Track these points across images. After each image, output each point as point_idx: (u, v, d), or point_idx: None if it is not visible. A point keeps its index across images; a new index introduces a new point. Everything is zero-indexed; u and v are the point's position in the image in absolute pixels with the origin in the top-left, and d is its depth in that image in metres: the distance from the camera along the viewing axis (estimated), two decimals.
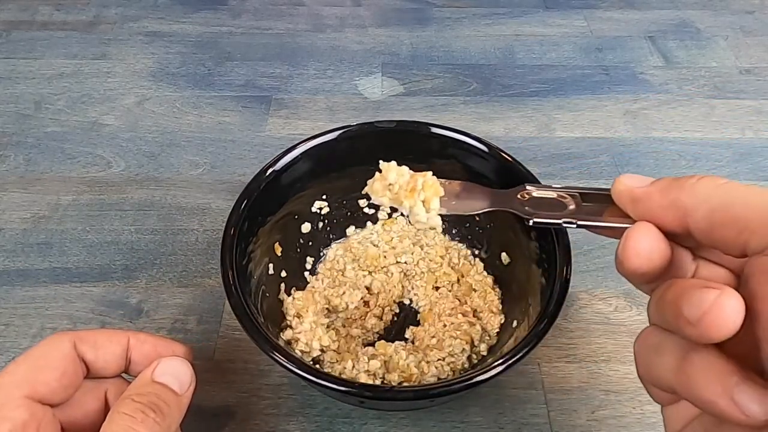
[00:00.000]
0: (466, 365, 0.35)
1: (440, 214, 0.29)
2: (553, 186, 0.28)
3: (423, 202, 0.28)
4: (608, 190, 0.25)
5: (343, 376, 0.33)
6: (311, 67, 0.59)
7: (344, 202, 0.41)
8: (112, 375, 0.29)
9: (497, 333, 0.37)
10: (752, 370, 0.19)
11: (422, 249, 0.41)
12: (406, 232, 0.41)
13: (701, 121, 0.54)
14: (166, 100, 0.55)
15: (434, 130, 0.38)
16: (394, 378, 0.34)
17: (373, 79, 0.58)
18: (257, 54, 0.61)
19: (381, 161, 0.29)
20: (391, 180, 0.28)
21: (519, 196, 0.28)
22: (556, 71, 0.59)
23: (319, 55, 0.61)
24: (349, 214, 0.41)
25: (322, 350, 0.35)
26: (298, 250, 0.40)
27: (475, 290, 0.39)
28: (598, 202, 0.26)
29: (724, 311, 0.18)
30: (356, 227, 0.42)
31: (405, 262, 0.41)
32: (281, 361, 0.28)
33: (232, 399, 0.36)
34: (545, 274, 0.33)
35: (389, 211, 0.42)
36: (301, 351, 0.35)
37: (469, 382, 0.27)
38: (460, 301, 0.38)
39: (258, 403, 0.36)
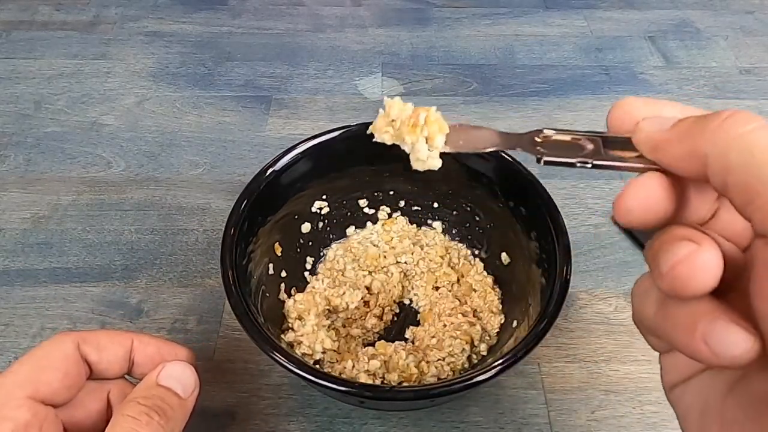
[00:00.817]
0: (466, 365, 0.35)
1: (446, 152, 0.28)
2: (573, 130, 0.26)
3: (426, 139, 0.27)
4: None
5: (343, 376, 0.33)
6: (311, 67, 0.59)
7: (344, 202, 0.41)
8: (115, 376, 0.29)
9: (497, 333, 0.37)
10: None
11: (422, 249, 0.41)
12: (406, 232, 0.41)
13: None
14: (166, 100, 0.55)
15: None
16: (394, 378, 0.34)
17: (373, 79, 0.58)
18: (257, 54, 0.61)
19: (386, 97, 0.28)
20: (394, 115, 0.27)
21: (534, 139, 0.26)
22: (556, 71, 0.59)
23: (319, 55, 0.61)
24: (349, 214, 0.41)
25: (323, 351, 0.35)
26: (298, 250, 0.40)
27: (475, 290, 0.39)
28: (621, 149, 0.24)
29: (693, 266, 0.17)
30: (356, 227, 0.42)
31: (405, 262, 0.41)
32: (281, 361, 0.28)
33: (232, 399, 0.36)
34: (545, 274, 0.33)
35: (389, 211, 0.42)
36: (303, 353, 0.35)
37: (469, 382, 0.27)
38: (460, 301, 0.38)
39: (258, 403, 0.36)
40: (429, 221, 0.42)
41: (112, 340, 0.28)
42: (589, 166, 0.24)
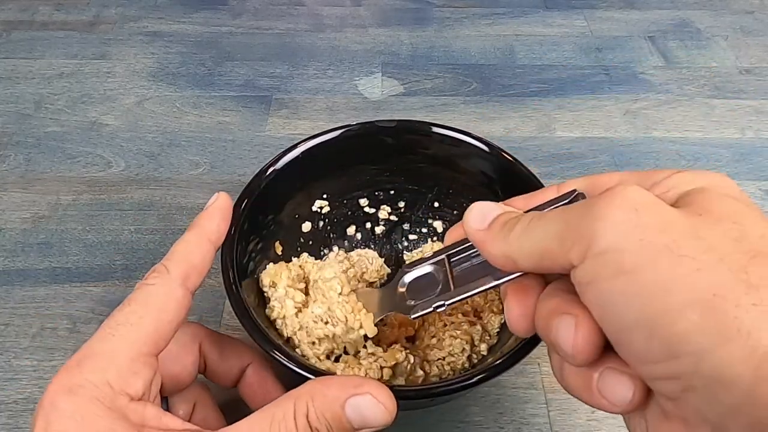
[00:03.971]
0: (467, 365, 0.35)
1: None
2: (425, 257, 0.29)
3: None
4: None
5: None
6: (311, 67, 0.59)
7: (345, 201, 0.41)
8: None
9: (498, 332, 0.37)
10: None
11: (422, 253, 0.41)
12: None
13: (701, 121, 0.54)
14: (166, 100, 0.55)
15: (435, 129, 0.38)
16: (400, 382, 0.33)
17: (373, 79, 0.58)
18: (257, 54, 0.61)
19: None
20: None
21: (400, 291, 0.30)
22: (556, 71, 0.59)
23: (319, 55, 0.61)
24: (349, 213, 0.41)
25: (299, 310, 0.34)
26: (299, 249, 0.40)
27: None
28: (470, 251, 0.27)
29: (585, 340, 0.20)
30: (357, 227, 0.42)
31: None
32: (281, 360, 0.28)
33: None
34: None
35: (389, 211, 0.42)
36: (276, 318, 0.34)
37: (469, 381, 0.27)
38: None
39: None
40: (429, 221, 0.42)
41: (202, 255, 0.27)
42: (445, 308, 0.27)
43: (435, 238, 0.42)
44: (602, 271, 0.19)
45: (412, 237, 0.42)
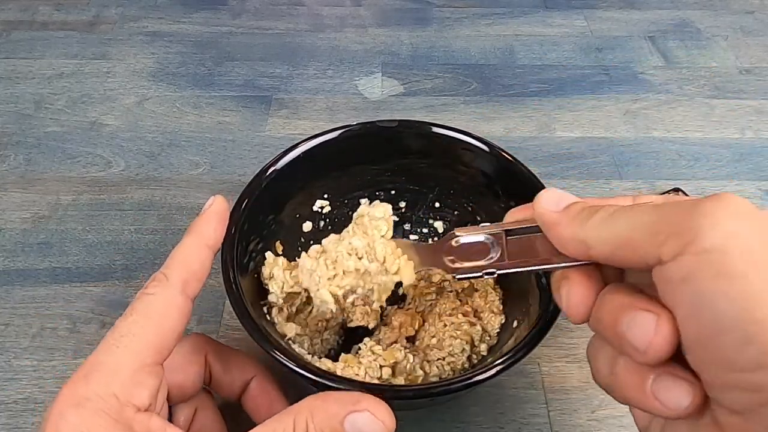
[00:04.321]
0: (467, 365, 0.35)
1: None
2: (483, 226, 0.28)
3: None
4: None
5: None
6: (311, 67, 0.59)
7: (345, 201, 0.41)
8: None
9: (498, 333, 0.37)
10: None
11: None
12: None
13: (701, 121, 0.54)
14: (166, 100, 0.55)
15: (435, 129, 0.38)
16: (400, 382, 0.33)
17: (373, 79, 0.58)
18: (257, 54, 0.61)
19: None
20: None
21: (448, 245, 0.29)
22: (556, 71, 0.59)
23: (319, 55, 0.61)
24: (350, 213, 0.41)
25: (290, 293, 0.34)
26: (299, 249, 0.40)
27: (476, 290, 0.38)
28: (529, 233, 0.27)
29: (664, 339, 0.20)
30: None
31: None
32: (281, 359, 0.28)
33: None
34: (546, 274, 0.33)
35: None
36: (272, 303, 0.34)
37: (469, 381, 0.27)
38: (461, 301, 0.38)
39: None
40: (430, 221, 0.42)
41: (201, 261, 0.28)
42: (495, 276, 0.27)
43: (436, 239, 0.42)
44: (703, 269, 0.18)
45: (413, 237, 0.42)
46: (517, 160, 0.36)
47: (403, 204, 0.42)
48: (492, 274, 0.27)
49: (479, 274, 0.27)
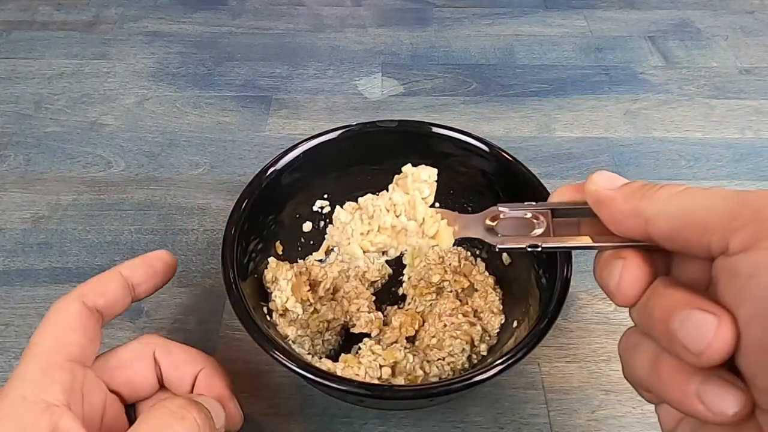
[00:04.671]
0: (466, 365, 0.35)
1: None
2: (527, 204, 0.28)
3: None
4: (585, 203, 0.24)
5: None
6: (311, 67, 0.59)
7: (345, 201, 0.41)
8: (124, 308, 0.30)
9: (498, 333, 0.37)
10: (730, 368, 0.19)
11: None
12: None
13: (701, 121, 0.54)
14: (166, 100, 0.55)
15: (435, 129, 0.38)
16: (400, 381, 0.33)
17: (373, 79, 0.58)
18: (257, 54, 0.61)
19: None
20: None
21: (489, 219, 0.28)
22: (556, 71, 0.59)
23: (319, 55, 0.61)
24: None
25: (299, 306, 0.35)
26: (299, 249, 0.40)
27: (476, 290, 0.39)
28: (574, 216, 0.26)
29: (723, 343, 0.18)
30: None
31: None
32: (281, 359, 0.28)
33: None
34: (545, 274, 0.33)
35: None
36: (277, 308, 0.34)
37: (469, 381, 0.27)
38: (461, 301, 0.38)
39: (258, 403, 0.36)
40: None
41: (105, 280, 0.29)
42: (539, 249, 0.26)
43: None
44: None
45: None
46: (517, 160, 0.36)
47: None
48: (536, 247, 0.26)
49: (522, 246, 0.26)
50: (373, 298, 0.39)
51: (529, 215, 0.27)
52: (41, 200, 0.47)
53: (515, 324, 0.35)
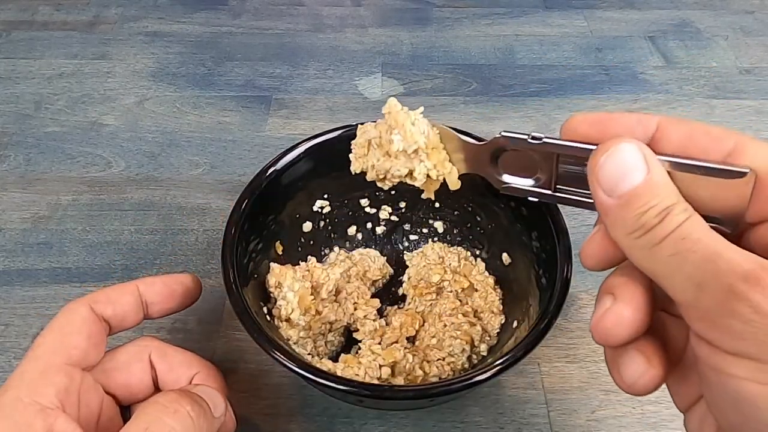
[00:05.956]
0: (466, 365, 0.35)
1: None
2: (533, 138, 0.26)
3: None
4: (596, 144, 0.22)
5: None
6: (311, 67, 0.59)
7: (346, 201, 0.41)
8: (134, 324, 0.30)
9: (498, 333, 0.37)
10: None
11: (423, 253, 0.41)
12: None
13: (701, 121, 0.54)
14: (166, 100, 0.55)
15: None
16: (399, 381, 0.33)
17: (373, 79, 0.58)
18: (257, 54, 0.61)
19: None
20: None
21: (494, 149, 0.27)
22: (556, 71, 0.59)
23: (319, 55, 0.61)
24: (350, 213, 0.41)
25: (303, 313, 0.35)
26: (299, 249, 0.40)
27: (476, 290, 0.38)
28: (582, 164, 0.24)
29: (609, 323, 0.21)
30: (358, 227, 0.42)
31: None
32: (281, 359, 0.28)
33: (232, 399, 0.35)
34: (545, 274, 0.33)
35: (390, 211, 0.42)
36: (281, 316, 0.34)
37: (469, 381, 0.27)
38: (461, 301, 0.38)
39: (258, 403, 0.36)
40: (430, 221, 0.42)
41: (119, 292, 0.30)
42: (537, 201, 0.26)
43: (436, 239, 0.42)
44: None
45: (413, 237, 0.42)
46: None
47: (403, 204, 0.42)
48: (537, 198, 0.25)
49: (524, 194, 0.26)
50: (377, 301, 0.39)
51: (536, 157, 0.26)
52: (41, 200, 0.47)
53: (515, 324, 0.35)
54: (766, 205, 0.20)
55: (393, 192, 0.41)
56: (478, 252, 0.40)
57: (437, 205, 0.41)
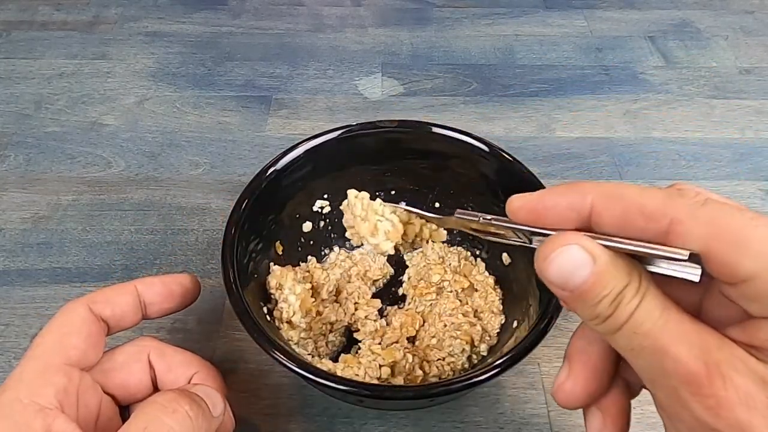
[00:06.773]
0: (467, 365, 0.35)
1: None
2: (486, 216, 0.26)
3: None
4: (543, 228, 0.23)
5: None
6: (311, 67, 0.59)
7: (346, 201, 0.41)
8: (133, 324, 0.30)
9: (498, 333, 0.37)
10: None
11: (423, 253, 0.41)
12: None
13: (701, 121, 0.54)
14: (166, 100, 0.55)
15: (435, 130, 0.38)
16: (399, 381, 0.33)
17: (373, 79, 0.58)
18: (257, 54, 0.61)
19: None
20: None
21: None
22: (556, 71, 0.59)
23: (319, 55, 0.61)
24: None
25: (303, 316, 0.35)
26: (299, 249, 0.40)
27: (476, 290, 0.38)
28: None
29: (566, 398, 0.24)
30: None
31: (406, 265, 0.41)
32: (281, 359, 0.28)
33: (231, 399, 0.35)
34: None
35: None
36: (281, 318, 0.34)
37: (469, 381, 0.27)
38: (461, 301, 0.38)
39: (258, 403, 0.36)
40: None
41: (118, 292, 0.30)
42: (489, 220, 0.26)
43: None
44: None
45: None
46: (517, 160, 0.36)
47: (403, 204, 0.41)
48: (487, 216, 0.26)
49: (476, 218, 0.26)
50: (378, 302, 0.39)
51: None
52: (41, 200, 0.47)
53: (515, 324, 0.35)
54: (726, 274, 0.19)
55: (393, 192, 0.41)
56: (478, 252, 0.40)
57: (437, 205, 0.41)
